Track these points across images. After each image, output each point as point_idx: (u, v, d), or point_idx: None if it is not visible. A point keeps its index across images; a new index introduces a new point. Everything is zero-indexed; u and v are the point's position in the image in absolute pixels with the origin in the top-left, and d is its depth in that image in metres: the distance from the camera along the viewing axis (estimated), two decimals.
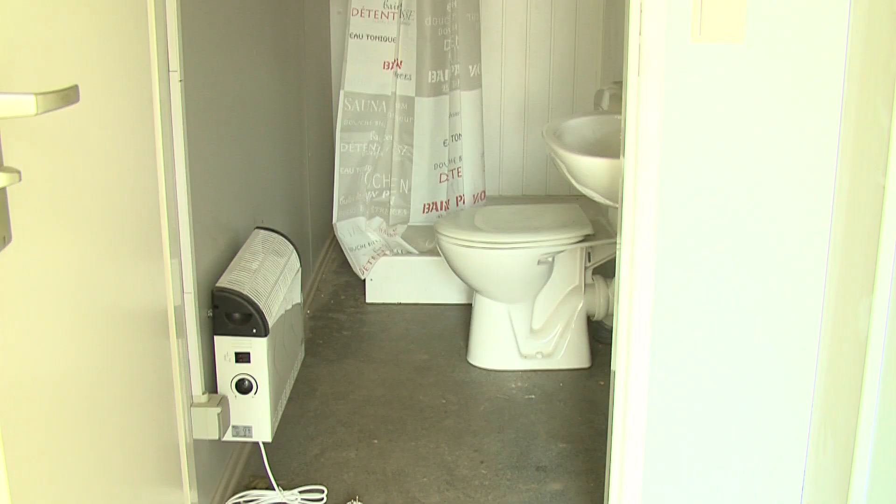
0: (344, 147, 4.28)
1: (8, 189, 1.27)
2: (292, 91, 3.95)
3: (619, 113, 2.26)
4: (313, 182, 4.45)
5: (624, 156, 2.20)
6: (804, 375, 2.30)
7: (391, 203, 4.36)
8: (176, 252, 2.26)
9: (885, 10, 1.94)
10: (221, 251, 2.75)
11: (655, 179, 2.17)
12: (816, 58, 2.11)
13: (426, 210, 4.39)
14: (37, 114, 1.14)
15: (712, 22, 2.07)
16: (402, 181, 4.34)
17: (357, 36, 4.21)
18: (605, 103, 3.92)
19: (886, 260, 1.95)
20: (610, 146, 2.89)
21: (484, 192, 4.58)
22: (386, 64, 4.24)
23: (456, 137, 4.41)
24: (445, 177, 4.40)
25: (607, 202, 2.81)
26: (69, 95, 1.22)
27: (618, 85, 3.71)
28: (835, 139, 2.14)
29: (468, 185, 4.49)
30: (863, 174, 2.05)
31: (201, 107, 2.52)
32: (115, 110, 1.88)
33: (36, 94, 1.14)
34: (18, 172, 1.20)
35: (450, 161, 4.40)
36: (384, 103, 4.28)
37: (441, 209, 4.42)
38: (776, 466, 2.37)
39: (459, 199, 4.48)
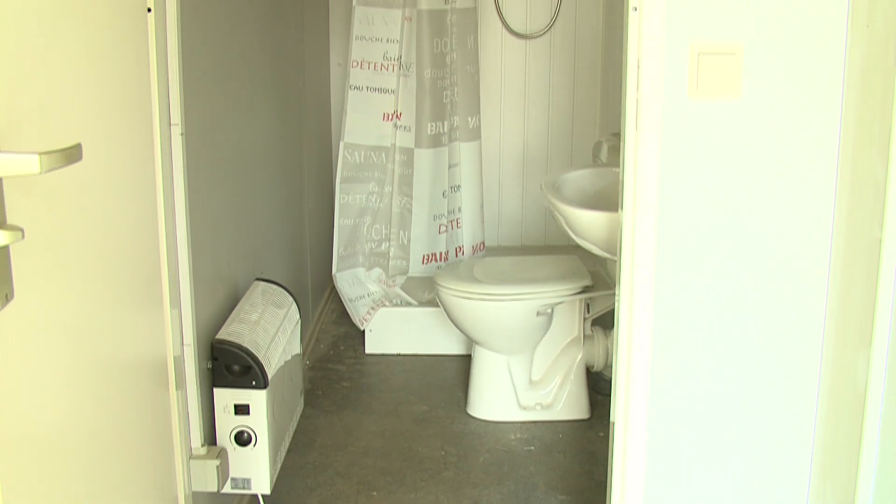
0: (343, 198, 4.30)
1: (11, 246, 1.28)
2: (292, 142, 3.98)
3: (618, 165, 2.28)
4: (313, 233, 4.46)
5: (622, 209, 2.22)
6: (803, 428, 2.30)
7: (391, 254, 4.37)
8: (176, 303, 2.27)
9: (879, 67, 1.97)
10: (221, 303, 2.76)
11: (653, 233, 2.19)
12: (812, 112, 2.13)
13: (425, 261, 4.40)
14: (41, 173, 1.16)
15: (709, 78, 2.10)
16: (401, 232, 4.35)
17: (357, 88, 4.23)
18: (604, 155, 3.94)
19: (884, 312, 1.96)
20: (608, 199, 2.90)
21: (483, 242, 4.59)
22: (385, 115, 4.27)
23: (455, 189, 4.42)
24: (445, 228, 4.41)
25: (606, 255, 2.82)
26: (72, 154, 1.23)
27: (616, 137, 3.74)
28: (831, 193, 2.16)
29: (467, 236, 4.50)
30: (859, 227, 2.07)
31: (202, 159, 2.54)
32: (116, 164, 1.89)
33: (40, 154, 1.15)
34: (21, 231, 1.21)
35: (449, 212, 4.42)
36: (384, 154, 4.30)
37: (440, 260, 4.43)
38: None
39: (459, 250, 4.49)
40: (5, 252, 1.26)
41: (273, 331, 2.76)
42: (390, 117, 4.27)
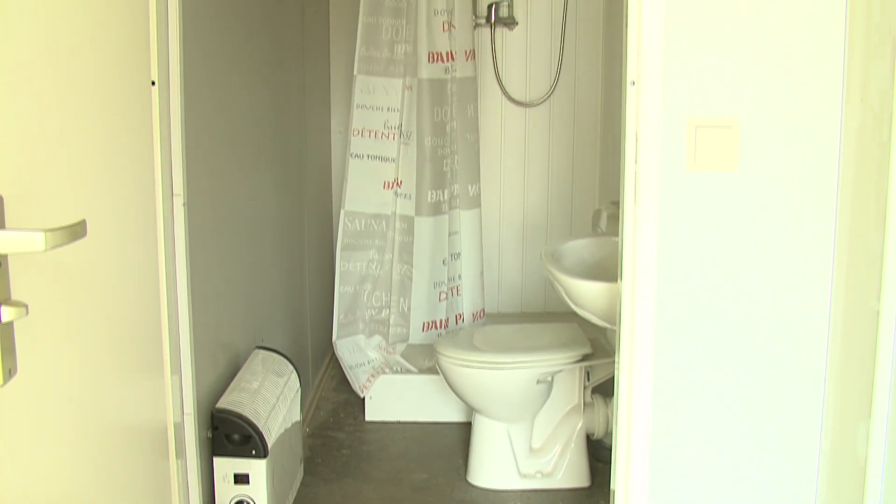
0: (344, 265, 4.31)
1: (15, 321, 1.29)
2: (293, 210, 4.00)
3: (617, 234, 2.30)
4: (313, 300, 4.47)
5: (621, 280, 2.23)
6: (804, 499, 2.30)
7: (391, 321, 4.37)
8: (177, 372, 2.27)
9: (874, 140, 1.99)
10: (221, 371, 2.76)
11: (652, 304, 2.20)
12: (809, 185, 2.15)
13: (425, 328, 4.40)
14: (45, 250, 1.17)
15: (706, 151, 2.12)
16: (401, 299, 4.36)
17: (358, 156, 4.26)
18: (603, 223, 3.96)
19: (883, 383, 1.96)
20: (608, 269, 2.92)
21: (483, 309, 4.60)
22: (386, 184, 4.30)
23: (455, 256, 4.44)
24: (445, 295, 4.42)
25: (605, 324, 2.82)
26: (76, 231, 1.25)
27: (615, 205, 3.76)
28: (829, 263, 2.17)
29: (467, 303, 4.51)
30: (857, 299, 2.08)
31: (204, 227, 2.55)
32: (119, 234, 1.91)
33: (45, 231, 1.16)
34: (25, 307, 1.22)
35: (449, 280, 4.43)
36: (384, 222, 4.33)
37: (440, 328, 4.43)
38: None
39: (459, 317, 4.50)
40: (9, 328, 1.27)
41: (273, 399, 2.76)
42: (391, 185, 4.30)
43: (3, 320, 1.21)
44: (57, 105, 1.57)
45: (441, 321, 4.44)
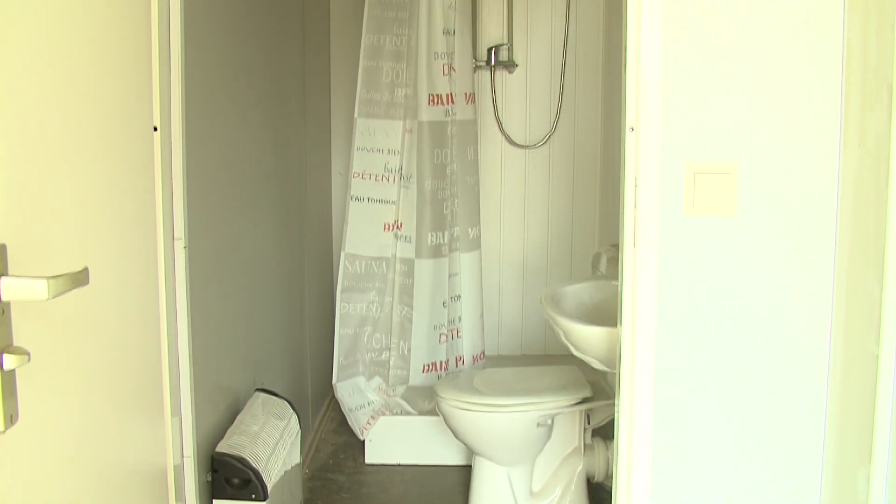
0: (344, 307, 4.32)
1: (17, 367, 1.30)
2: (294, 252, 4.01)
3: (616, 277, 2.30)
4: (313, 342, 4.47)
5: (621, 324, 2.23)
6: None
7: (391, 363, 4.37)
8: (177, 415, 2.27)
9: (871, 185, 2.00)
10: (221, 414, 2.76)
11: (651, 348, 2.20)
12: (808, 228, 2.16)
13: (426, 371, 4.40)
14: (48, 298, 1.18)
15: (705, 196, 2.13)
16: (401, 342, 4.36)
17: (358, 198, 4.28)
18: (603, 266, 3.97)
19: (882, 428, 1.96)
20: (607, 312, 2.92)
21: (483, 351, 4.59)
22: (386, 226, 4.31)
23: (455, 298, 4.44)
24: (445, 337, 4.42)
25: (605, 368, 2.82)
26: (79, 278, 1.26)
27: (615, 248, 3.77)
28: (828, 308, 2.18)
29: (467, 345, 4.51)
30: (856, 343, 2.08)
31: (205, 271, 2.56)
32: (121, 279, 1.91)
33: (48, 279, 1.17)
34: (28, 353, 1.23)
35: (449, 322, 4.43)
36: (384, 264, 4.33)
37: (440, 370, 4.42)
38: None
39: (459, 359, 4.49)
40: (11, 374, 1.28)
41: (273, 443, 2.76)
42: (391, 227, 4.31)
43: (6, 367, 1.21)
44: (60, 151, 1.58)
45: (441, 363, 4.44)
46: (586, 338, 2.83)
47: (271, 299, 3.54)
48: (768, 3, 2.12)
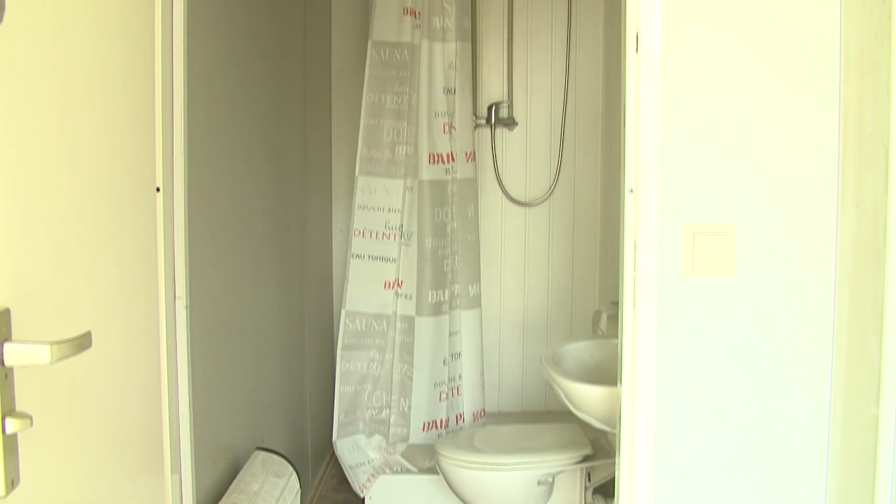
0: (345, 365, 4.32)
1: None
2: (294, 309, 4.01)
3: (616, 336, 2.31)
4: (314, 399, 4.46)
5: (621, 384, 2.24)
6: None
7: (391, 421, 4.36)
8: (177, 472, 2.27)
9: (869, 245, 2.01)
10: (221, 473, 2.75)
11: (652, 408, 2.20)
12: (807, 289, 2.17)
13: (426, 428, 4.38)
14: (51, 363, 1.18)
15: (704, 257, 2.14)
16: (402, 399, 4.35)
17: (359, 256, 4.29)
18: (603, 324, 3.97)
19: (884, 489, 1.96)
20: (607, 371, 2.93)
21: (483, 409, 4.58)
22: (387, 284, 4.32)
23: (456, 356, 4.44)
24: (445, 395, 4.41)
25: (606, 428, 2.82)
26: (82, 342, 1.26)
27: (615, 305, 3.77)
28: (827, 368, 2.18)
29: (468, 403, 4.50)
30: (856, 404, 2.08)
31: (205, 329, 2.57)
32: (123, 339, 1.92)
33: (51, 345, 1.18)
34: (30, 418, 1.23)
35: (450, 380, 4.42)
36: (385, 322, 4.34)
37: (441, 427, 4.41)
38: None
39: (459, 417, 4.48)
40: (13, 439, 1.28)
41: (273, 502, 2.74)
42: (391, 285, 4.32)
43: (8, 432, 1.21)
44: (64, 214, 1.59)
45: (441, 421, 4.42)
46: (587, 398, 2.83)
47: (272, 356, 3.54)
48: (765, 66, 2.14)
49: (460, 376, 4.47)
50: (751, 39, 2.15)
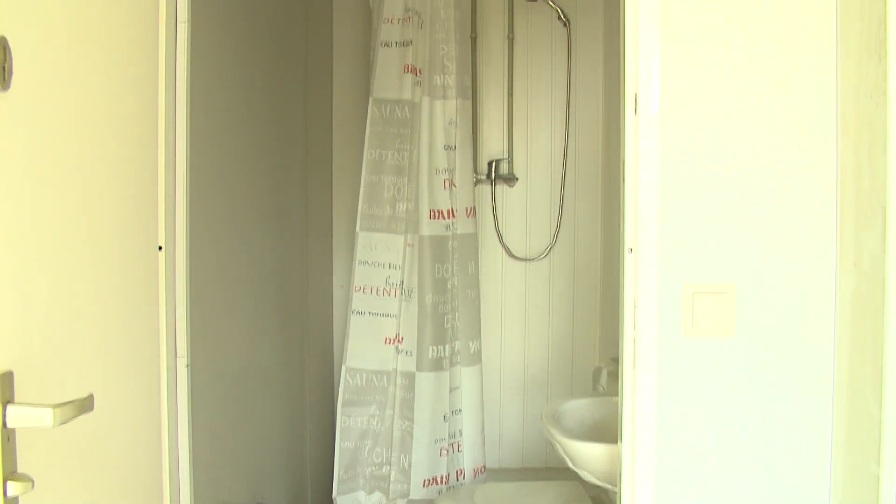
0: (345, 421, 4.30)
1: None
2: (295, 365, 4.01)
3: (617, 393, 2.31)
4: (314, 455, 4.44)
5: (621, 442, 2.24)
6: None
7: (391, 477, 4.34)
8: None
9: (868, 305, 2.02)
10: None
11: (652, 467, 2.20)
12: (807, 349, 2.17)
13: (426, 485, 4.36)
14: (53, 426, 1.19)
15: (703, 317, 2.15)
16: (402, 455, 4.33)
17: (359, 312, 4.30)
18: (603, 380, 3.97)
19: None
20: (608, 429, 2.92)
21: (484, 465, 4.56)
22: (387, 339, 4.32)
23: (456, 412, 4.43)
24: (446, 451, 4.40)
25: (606, 486, 2.81)
26: (84, 405, 1.27)
27: (615, 362, 3.77)
28: (828, 427, 2.18)
29: (468, 459, 4.48)
30: (857, 463, 2.08)
31: (206, 386, 2.57)
32: (124, 399, 1.92)
33: (53, 408, 1.18)
34: (31, 480, 1.23)
35: (450, 435, 4.41)
36: (385, 378, 4.33)
37: (441, 483, 4.39)
38: None
39: (460, 473, 4.46)
40: (14, 501, 1.28)
41: None
42: (392, 341, 4.32)
43: (9, 495, 1.22)
44: (66, 275, 1.61)
45: (442, 477, 4.40)
46: (587, 456, 2.83)
47: (273, 412, 3.54)
48: (763, 126, 2.17)
49: (461, 432, 4.46)
50: (748, 101, 2.17)
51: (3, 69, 1.31)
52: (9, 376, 1.28)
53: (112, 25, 1.86)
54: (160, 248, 2.15)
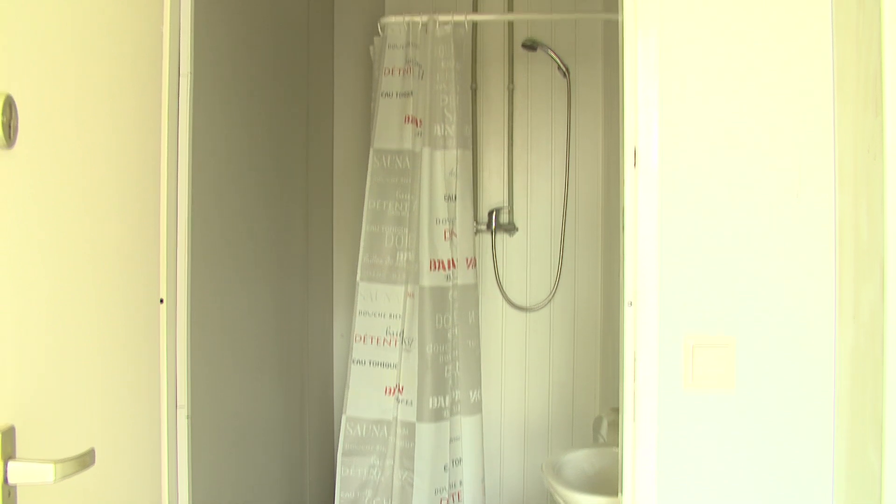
0: (345, 471, 4.28)
1: None
2: (294, 415, 4.00)
3: (617, 444, 2.31)
4: None
5: (622, 494, 2.23)
6: None
7: None
8: None
9: (868, 358, 2.02)
10: None
11: None
12: (806, 402, 2.18)
13: None
14: (55, 482, 1.19)
15: (703, 370, 2.16)
16: None
17: (360, 362, 4.29)
18: (604, 430, 3.96)
19: None
20: (609, 480, 2.92)
21: None
22: (388, 389, 4.30)
23: (457, 462, 4.41)
24: (446, 501, 4.37)
25: None
26: (85, 460, 1.27)
27: (616, 412, 3.76)
28: (829, 481, 2.18)
29: None
30: None
31: (206, 436, 2.57)
32: (125, 451, 1.92)
33: (55, 463, 1.19)
34: None
35: (450, 486, 4.38)
36: (385, 428, 4.32)
37: None
38: None
39: None
40: None
41: None
42: (392, 391, 4.31)
43: None
44: (68, 329, 1.61)
45: None
46: None
47: (273, 462, 3.53)
48: (761, 180, 2.18)
49: (461, 482, 4.43)
50: (747, 155, 2.19)
51: (9, 126, 1.33)
52: (10, 431, 1.28)
53: (116, 80, 1.88)
54: (161, 301, 2.16)
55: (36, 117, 1.46)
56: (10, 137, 1.34)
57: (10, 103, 1.34)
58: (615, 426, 3.71)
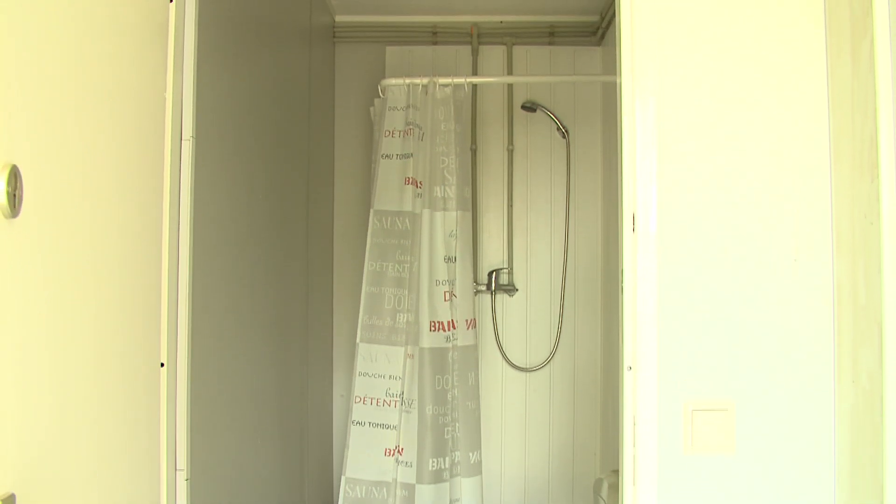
0: None
1: None
2: (294, 476, 3.99)
3: None
4: None
5: None
6: None
7: None
8: None
9: (867, 422, 2.02)
10: None
11: None
12: (806, 466, 2.18)
13: None
14: None
15: (703, 434, 2.16)
16: None
17: (360, 423, 4.28)
18: (604, 492, 3.94)
19: None
20: None
21: None
22: (387, 451, 4.29)
23: None
24: None
25: None
26: None
27: (616, 474, 3.75)
28: None
29: None
30: None
31: (205, 499, 2.56)
32: None
33: None
34: None
35: None
36: (385, 490, 4.30)
37: None
38: None
39: None
40: None
41: None
42: (392, 452, 4.29)
43: None
44: (69, 396, 1.62)
45: None
46: None
47: None
48: (760, 244, 2.20)
49: None
50: (745, 219, 2.20)
51: (14, 196, 1.34)
52: (11, 499, 1.29)
53: (121, 148, 1.89)
54: (162, 364, 2.17)
55: (40, 186, 1.48)
56: (15, 207, 1.35)
57: (14, 173, 1.35)
58: (616, 488, 3.69)
